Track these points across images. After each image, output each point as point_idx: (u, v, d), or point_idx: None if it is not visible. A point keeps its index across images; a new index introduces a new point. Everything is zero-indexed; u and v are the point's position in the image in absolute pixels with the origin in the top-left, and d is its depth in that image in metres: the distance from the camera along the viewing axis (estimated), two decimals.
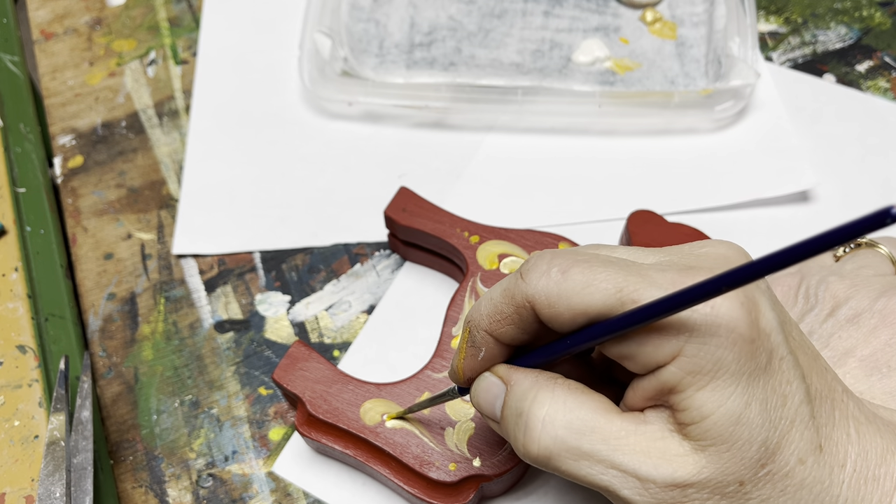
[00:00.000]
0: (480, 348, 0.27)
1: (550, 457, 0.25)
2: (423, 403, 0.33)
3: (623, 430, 0.24)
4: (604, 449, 0.24)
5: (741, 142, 0.46)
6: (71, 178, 0.48)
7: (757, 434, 0.23)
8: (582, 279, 0.24)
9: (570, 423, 0.25)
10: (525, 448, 0.25)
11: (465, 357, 0.28)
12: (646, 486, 0.24)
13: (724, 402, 0.23)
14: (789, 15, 0.51)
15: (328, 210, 0.45)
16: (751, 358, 0.23)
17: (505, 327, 0.26)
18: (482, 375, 0.28)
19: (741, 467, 0.23)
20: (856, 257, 0.35)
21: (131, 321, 0.43)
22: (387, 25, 0.49)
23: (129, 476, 0.39)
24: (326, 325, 0.42)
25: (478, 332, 0.27)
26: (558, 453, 0.25)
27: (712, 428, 0.23)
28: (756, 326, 0.23)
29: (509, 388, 0.26)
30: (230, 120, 0.49)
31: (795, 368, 0.24)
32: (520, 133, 0.47)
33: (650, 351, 0.23)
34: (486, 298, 0.27)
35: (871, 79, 0.48)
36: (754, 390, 0.23)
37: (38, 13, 0.54)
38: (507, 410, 0.26)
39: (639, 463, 0.24)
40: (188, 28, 0.53)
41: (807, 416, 0.24)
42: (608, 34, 0.49)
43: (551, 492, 0.37)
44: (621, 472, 0.24)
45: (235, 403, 0.40)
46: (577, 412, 0.25)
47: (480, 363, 0.28)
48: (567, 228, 0.44)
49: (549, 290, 0.24)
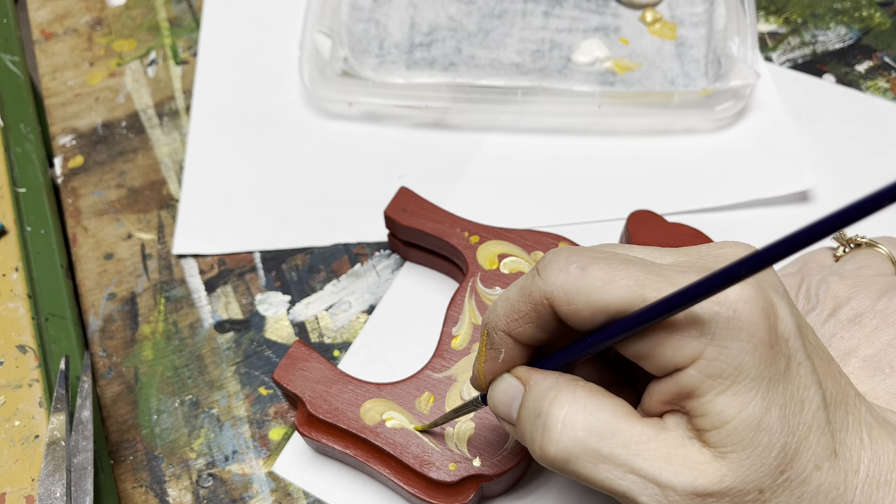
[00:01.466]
0: (500, 350, 0.27)
1: (568, 459, 0.24)
2: (449, 415, 0.33)
3: (643, 434, 0.24)
4: (624, 453, 0.24)
5: (741, 142, 0.46)
6: (71, 178, 0.48)
7: (776, 440, 0.23)
8: (602, 276, 0.23)
9: (591, 424, 0.24)
10: (542, 450, 0.25)
11: (485, 360, 0.27)
12: (665, 493, 0.23)
13: (745, 407, 0.22)
14: (789, 15, 0.51)
15: (328, 210, 0.45)
16: (771, 363, 0.22)
17: (523, 326, 0.26)
18: (500, 377, 0.27)
19: (761, 475, 0.23)
20: (856, 257, 0.35)
21: (131, 321, 0.43)
22: (387, 25, 0.49)
23: (129, 476, 0.39)
24: (326, 325, 0.42)
25: (496, 333, 0.27)
26: (577, 456, 0.24)
27: (733, 434, 0.23)
28: (775, 332, 0.23)
29: (528, 389, 0.26)
30: (230, 120, 0.49)
31: (812, 374, 0.24)
32: (520, 133, 0.47)
33: (669, 352, 0.23)
34: (502, 299, 0.27)
35: (870, 79, 0.48)
36: (774, 396, 0.23)
37: (38, 13, 0.54)
38: (525, 411, 0.26)
39: (659, 469, 0.23)
40: (188, 28, 0.53)
41: (823, 421, 0.24)
42: (608, 34, 0.49)
43: (551, 492, 0.37)
44: (641, 478, 0.24)
45: (235, 403, 0.41)
46: (598, 414, 0.24)
47: (501, 365, 0.27)
48: (567, 228, 0.44)
49: (568, 287, 0.24)
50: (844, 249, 0.36)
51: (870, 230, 0.38)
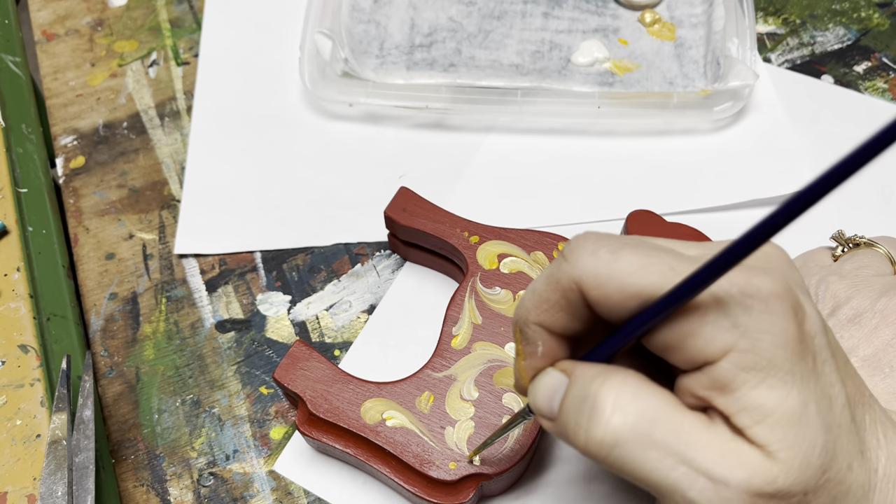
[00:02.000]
0: (536, 343, 0.26)
1: (616, 443, 0.23)
2: (498, 432, 0.32)
3: (695, 426, 0.23)
4: (676, 442, 0.22)
5: (740, 142, 0.46)
6: (73, 179, 0.48)
7: (818, 437, 0.22)
8: (635, 261, 0.23)
9: (642, 409, 0.23)
10: (588, 433, 0.23)
11: (524, 357, 0.26)
12: (717, 488, 0.22)
13: (784, 399, 0.22)
14: (788, 16, 0.51)
15: (329, 210, 0.45)
16: (801, 358, 0.22)
17: (554, 315, 0.25)
18: (542, 372, 0.26)
19: (809, 475, 0.22)
20: (855, 257, 0.35)
21: (133, 321, 0.43)
22: (387, 27, 0.50)
23: (130, 475, 0.39)
24: (327, 324, 0.42)
25: (528, 328, 0.26)
26: (626, 440, 0.23)
27: (776, 428, 0.22)
28: (802, 328, 0.22)
29: (572, 378, 0.25)
30: (231, 121, 0.49)
31: (836, 372, 0.23)
32: (519, 134, 0.47)
33: (701, 344, 0.22)
34: (528, 292, 0.26)
35: (869, 80, 0.48)
36: (807, 391, 0.22)
37: (39, 14, 0.54)
38: (570, 399, 0.24)
39: (712, 462, 0.22)
40: (189, 29, 0.53)
41: (849, 420, 0.23)
42: (607, 35, 0.49)
43: (551, 491, 0.37)
44: (692, 471, 0.22)
45: (236, 403, 0.41)
46: (649, 401, 0.23)
47: (541, 359, 0.26)
48: (567, 228, 0.44)
49: (598, 271, 0.23)
50: (843, 249, 0.36)
51: (868, 230, 0.39)
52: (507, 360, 0.36)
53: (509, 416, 0.35)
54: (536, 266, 0.38)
